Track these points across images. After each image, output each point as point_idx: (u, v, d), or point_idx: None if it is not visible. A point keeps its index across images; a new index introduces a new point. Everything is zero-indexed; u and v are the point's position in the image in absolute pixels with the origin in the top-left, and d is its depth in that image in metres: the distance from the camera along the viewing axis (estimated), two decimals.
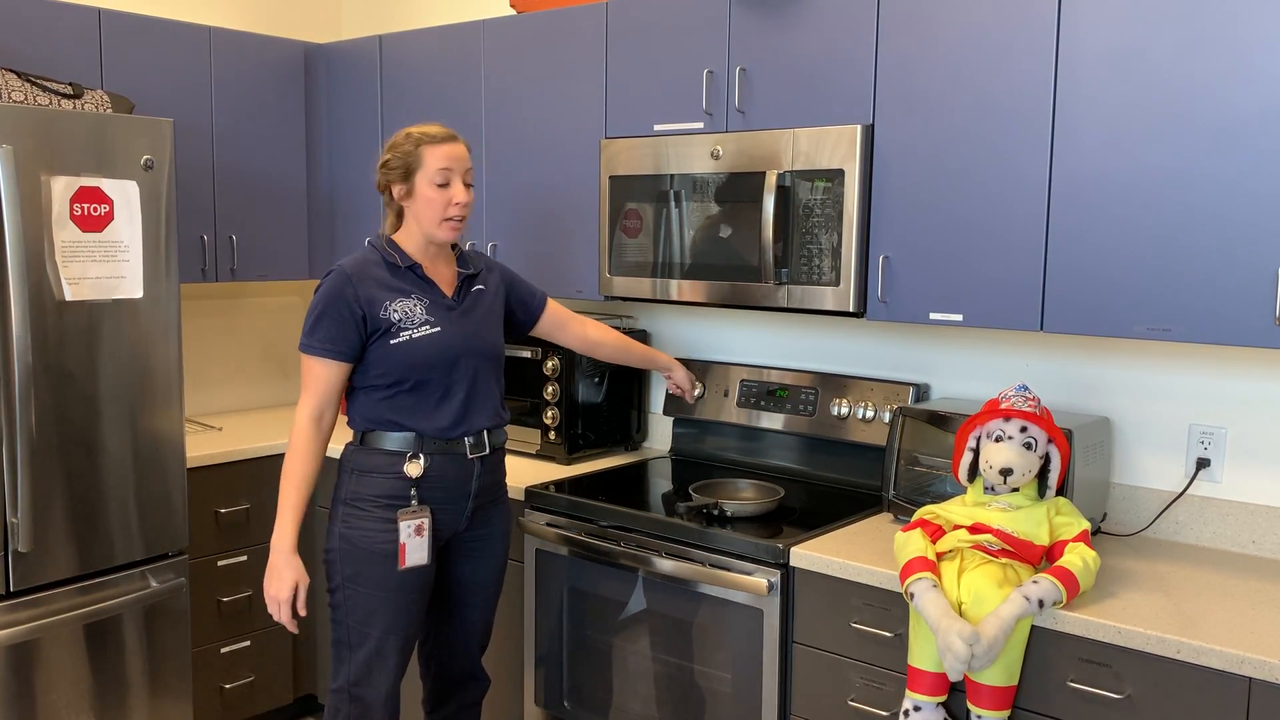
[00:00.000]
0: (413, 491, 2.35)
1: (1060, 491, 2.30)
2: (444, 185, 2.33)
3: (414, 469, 2.34)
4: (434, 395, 2.36)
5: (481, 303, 2.47)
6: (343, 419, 3.62)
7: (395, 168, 2.35)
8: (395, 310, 2.32)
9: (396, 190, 2.37)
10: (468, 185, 2.37)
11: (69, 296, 2.69)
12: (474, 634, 2.57)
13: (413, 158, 2.33)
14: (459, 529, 2.45)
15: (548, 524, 2.77)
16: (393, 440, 2.35)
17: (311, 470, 2.35)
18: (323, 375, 2.33)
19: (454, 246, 2.50)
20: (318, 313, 2.31)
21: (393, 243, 2.40)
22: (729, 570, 2.44)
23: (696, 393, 3.03)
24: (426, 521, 2.35)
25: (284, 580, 2.31)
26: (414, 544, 2.34)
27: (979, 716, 2.04)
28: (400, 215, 2.41)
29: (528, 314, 2.64)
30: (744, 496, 2.75)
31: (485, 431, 2.42)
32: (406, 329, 2.32)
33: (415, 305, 2.35)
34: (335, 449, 3.31)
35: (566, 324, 2.71)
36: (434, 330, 2.35)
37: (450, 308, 2.40)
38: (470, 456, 2.40)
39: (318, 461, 2.36)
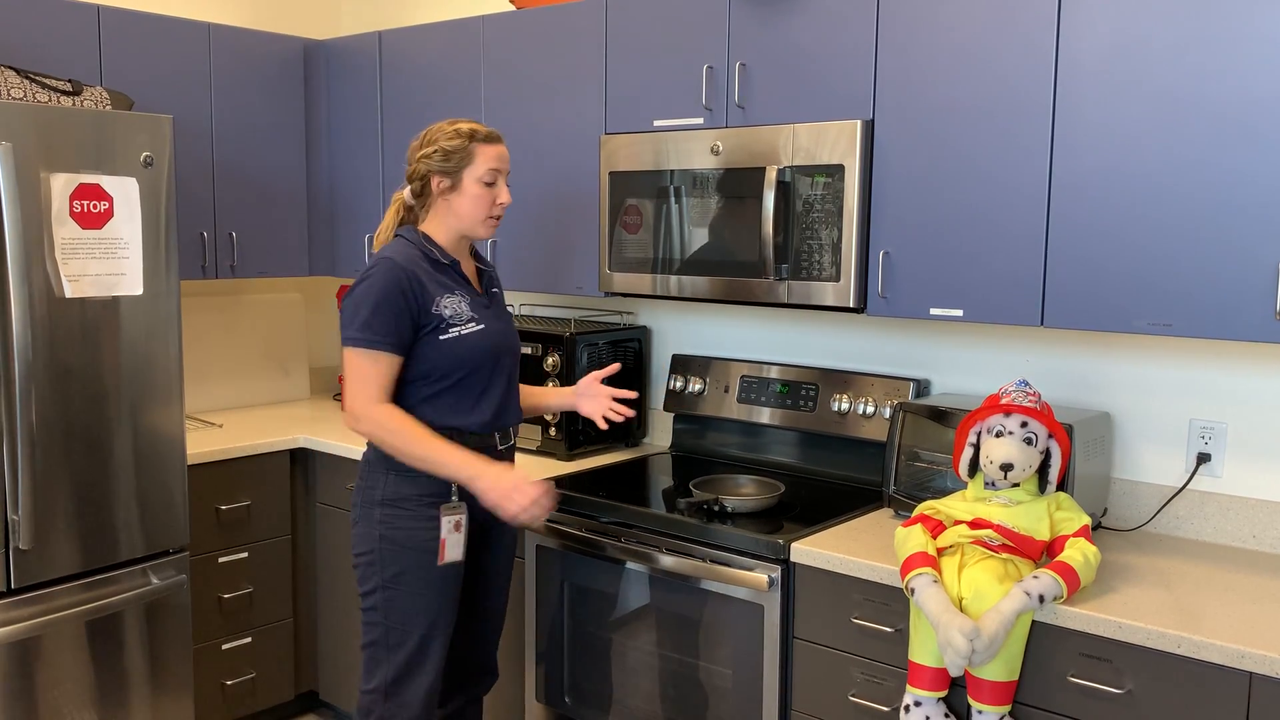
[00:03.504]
0: (454, 487, 2.36)
1: (1061, 486, 2.30)
2: (491, 184, 2.35)
3: None
4: (474, 392, 2.37)
5: (501, 301, 2.53)
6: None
7: (443, 160, 2.32)
8: (446, 306, 2.33)
9: (438, 182, 2.34)
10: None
11: (69, 293, 2.69)
12: (494, 620, 2.60)
13: (464, 153, 2.32)
14: (482, 519, 2.48)
15: (548, 520, 2.77)
16: None
17: (424, 427, 2.28)
18: (381, 370, 2.27)
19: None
20: (372, 304, 2.25)
21: (428, 237, 2.39)
22: (729, 566, 2.44)
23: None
24: (464, 518, 2.37)
25: (523, 489, 2.23)
26: (453, 540, 2.36)
27: (980, 711, 2.04)
28: (426, 208, 2.40)
29: None
30: (744, 492, 2.75)
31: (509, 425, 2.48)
32: (456, 325, 2.33)
33: (461, 302, 2.36)
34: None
35: None
36: (480, 327, 2.37)
37: (485, 305, 2.43)
38: (500, 448, 2.44)
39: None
